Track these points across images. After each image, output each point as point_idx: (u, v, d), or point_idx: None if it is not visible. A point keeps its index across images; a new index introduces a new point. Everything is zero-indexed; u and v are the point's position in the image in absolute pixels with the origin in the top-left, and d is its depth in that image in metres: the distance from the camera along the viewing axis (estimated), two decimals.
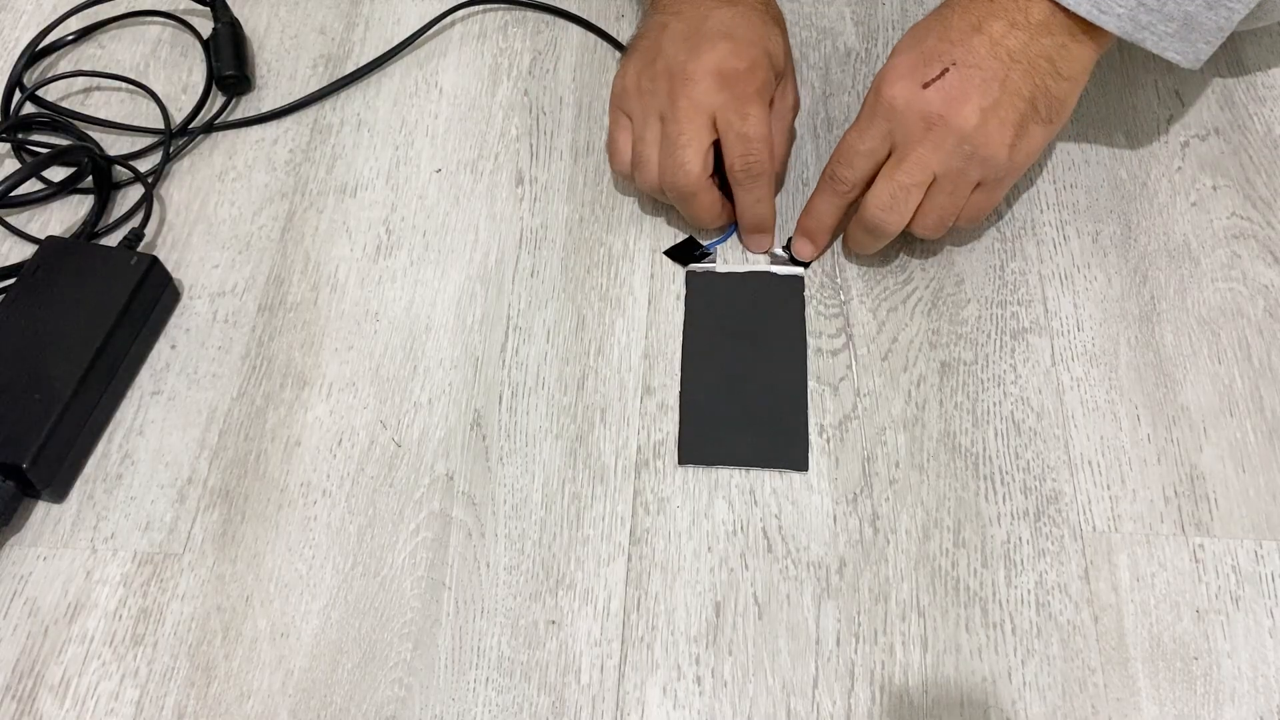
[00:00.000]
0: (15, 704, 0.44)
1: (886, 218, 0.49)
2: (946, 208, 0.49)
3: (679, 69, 0.50)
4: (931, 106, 0.47)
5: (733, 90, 0.50)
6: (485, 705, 0.43)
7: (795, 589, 0.45)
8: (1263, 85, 0.61)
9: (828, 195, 0.52)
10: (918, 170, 0.48)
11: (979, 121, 0.47)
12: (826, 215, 0.52)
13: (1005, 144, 0.47)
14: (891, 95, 0.48)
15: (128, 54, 0.64)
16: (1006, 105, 0.47)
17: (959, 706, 0.43)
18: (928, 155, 0.48)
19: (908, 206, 0.49)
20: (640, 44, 0.54)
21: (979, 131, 0.47)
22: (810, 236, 0.54)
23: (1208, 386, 0.50)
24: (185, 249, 0.56)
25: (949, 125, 0.47)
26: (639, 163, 0.52)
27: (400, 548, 0.47)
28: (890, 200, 0.49)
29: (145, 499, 0.48)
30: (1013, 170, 0.49)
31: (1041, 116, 0.48)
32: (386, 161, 0.59)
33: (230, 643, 0.45)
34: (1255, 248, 0.54)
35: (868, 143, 0.49)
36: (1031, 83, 0.47)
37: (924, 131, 0.47)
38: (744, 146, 0.50)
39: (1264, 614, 0.44)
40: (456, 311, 0.54)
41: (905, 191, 0.48)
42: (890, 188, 0.49)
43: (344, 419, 0.50)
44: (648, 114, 0.52)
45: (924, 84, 0.47)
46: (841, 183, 0.51)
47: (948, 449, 0.49)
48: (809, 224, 0.53)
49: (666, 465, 0.49)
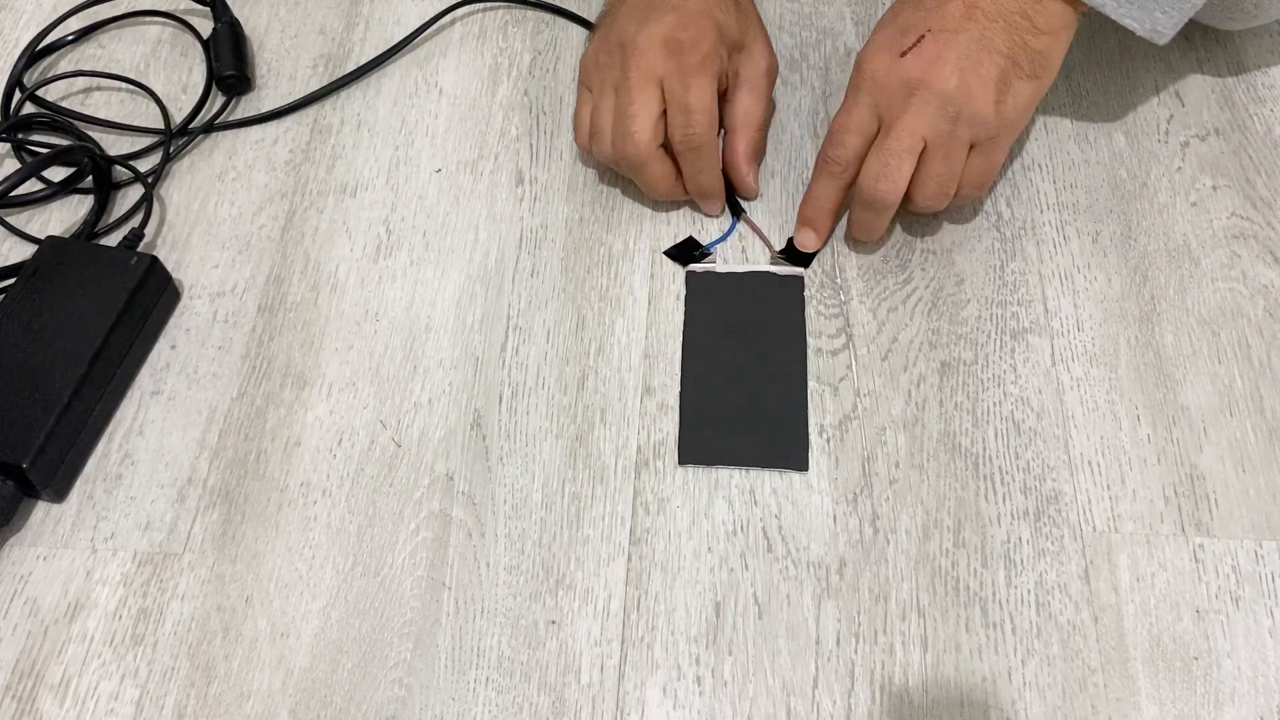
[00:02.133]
0: (15, 704, 0.44)
1: (880, 186, 0.50)
2: (944, 174, 0.49)
3: (629, 40, 0.52)
4: (910, 73, 0.48)
5: (678, 60, 0.51)
6: (485, 705, 0.43)
7: (795, 589, 0.45)
8: (1263, 85, 0.61)
9: (824, 179, 0.52)
10: (906, 136, 0.49)
11: (959, 81, 0.47)
12: (825, 199, 0.53)
13: (989, 100, 0.48)
14: (872, 68, 0.49)
15: (128, 54, 0.64)
16: (986, 63, 0.47)
17: (959, 706, 0.43)
18: (913, 121, 0.48)
19: (901, 174, 0.49)
20: (602, 21, 0.56)
21: (960, 91, 0.47)
22: (812, 225, 0.54)
23: (1208, 386, 0.50)
24: (185, 249, 0.56)
25: (930, 89, 0.48)
26: (595, 133, 0.53)
27: (400, 548, 0.47)
28: (881, 168, 0.49)
29: (145, 499, 0.48)
30: (1004, 128, 0.49)
31: (1025, 72, 0.48)
32: (386, 161, 0.59)
33: (230, 643, 0.45)
34: (1255, 248, 0.54)
35: (855, 119, 0.50)
36: (1009, 39, 0.48)
37: (906, 99, 0.48)
38: (684, 118, 0.51)
39: (1264, 614, 0.44)
40: (456, 311, 0.54)
41: (896, 158, 0.49)
42: (881, 156, 0.49)
43: (344, 419, 0.50)
44: (604, 86, 0.53)
45: (901, 53, 0.48)
46: (835, 163, 0.51)
47: (948, 449, 0.49)
48: (809, 212, 0.54)
49: (666, 465, 0.49)
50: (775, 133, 0.59)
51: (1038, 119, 0.59)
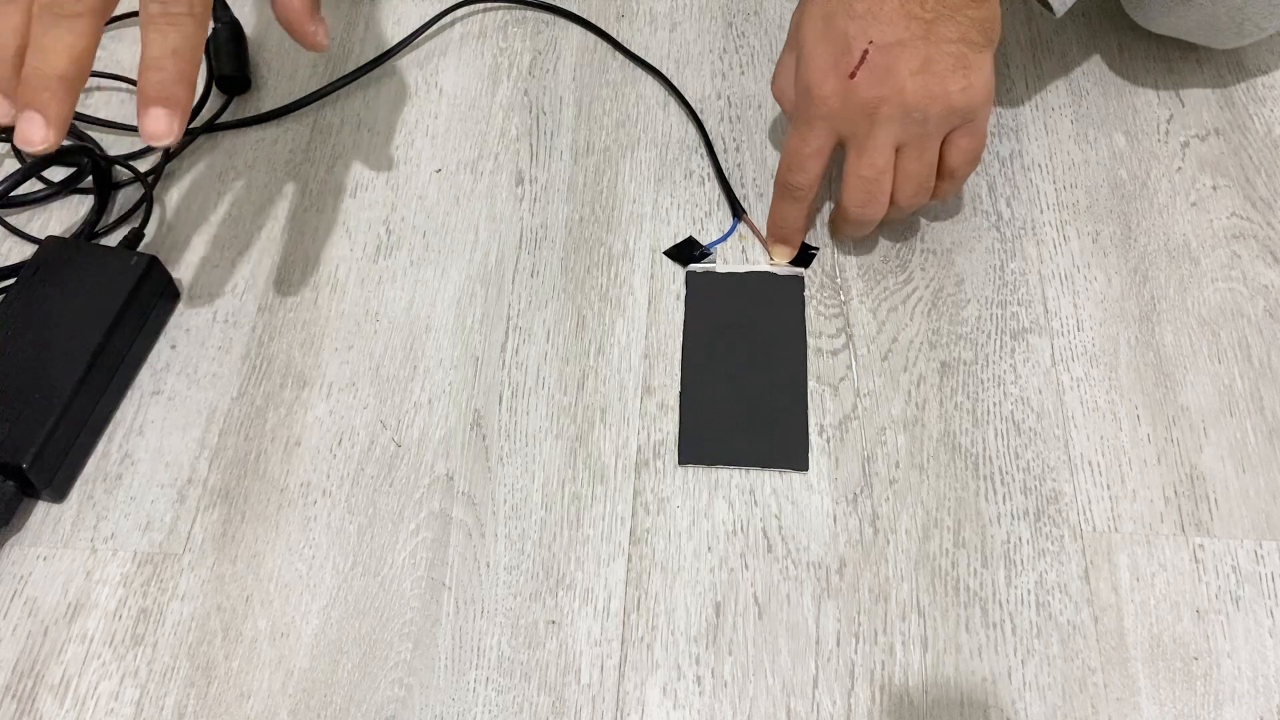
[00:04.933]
0: (15, 704, 0.44)
1: (866, 212, 0.50)
2: (920, 172, 0.49)
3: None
4: (867, 94, 0.46)
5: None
6: (485, 705, 0.43)
7: (795, 589, 0.45)
8: (1263, 85, 0.61)
9: (787, 203, 0.52)
10: (879, 156, 0.48)
11: (918, 87, 0.46)
12: (792, 220, 0.53)
13: (955, 91, 0.46)
14: (823, 95, 0.47)
15: (128, 54, 0.64)
16: (939, 58, 0.46)
17: (959, 706, 0.43)
18: (882, 138, 0.47)
19: (883, 191, 0.49)
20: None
21: (922, 97, 0.46)
22: (784, 242, 0.54)
23: (1208, 386, 0.50)
24: (185, 249, 0.56)
25: (891, 104, 0.46)
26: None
27: (400, 548, 0.47)
28: (865, 195, 0.49)
29: (145, 499, 0.48)
30: (976, 108, 0.48)
31: (979, 44, 0.46)
32: (386, 161, 0.59)
33: (230, 643, 0.45)
34: (1255, 248, 0.54)
35: (813, 144, 0.49)
36: (954, 24, 0.46)
37: (870, 118, 0.47)
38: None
39: (1264, 614, 0.44)
40: (456, 311, 0.53)
41: (876, 180, 0.48)
42: (860, 184, 0.49)
43: (344, 419, 0.50)
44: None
45: (850, 74, 0.46)
46: (798, 189, 0.51)
47: (948, 449, 0.49)
48: (778, 234, 0.54)
49: (666, 465, 0.49)
50: (775, 134, 0.59)
51: (1038, 119, 0.60)
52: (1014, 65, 0.62)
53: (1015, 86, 0.61)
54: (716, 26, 0.64)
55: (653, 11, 0.65)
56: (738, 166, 0.58)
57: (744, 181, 0.57)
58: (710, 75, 0.62)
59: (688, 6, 0.65)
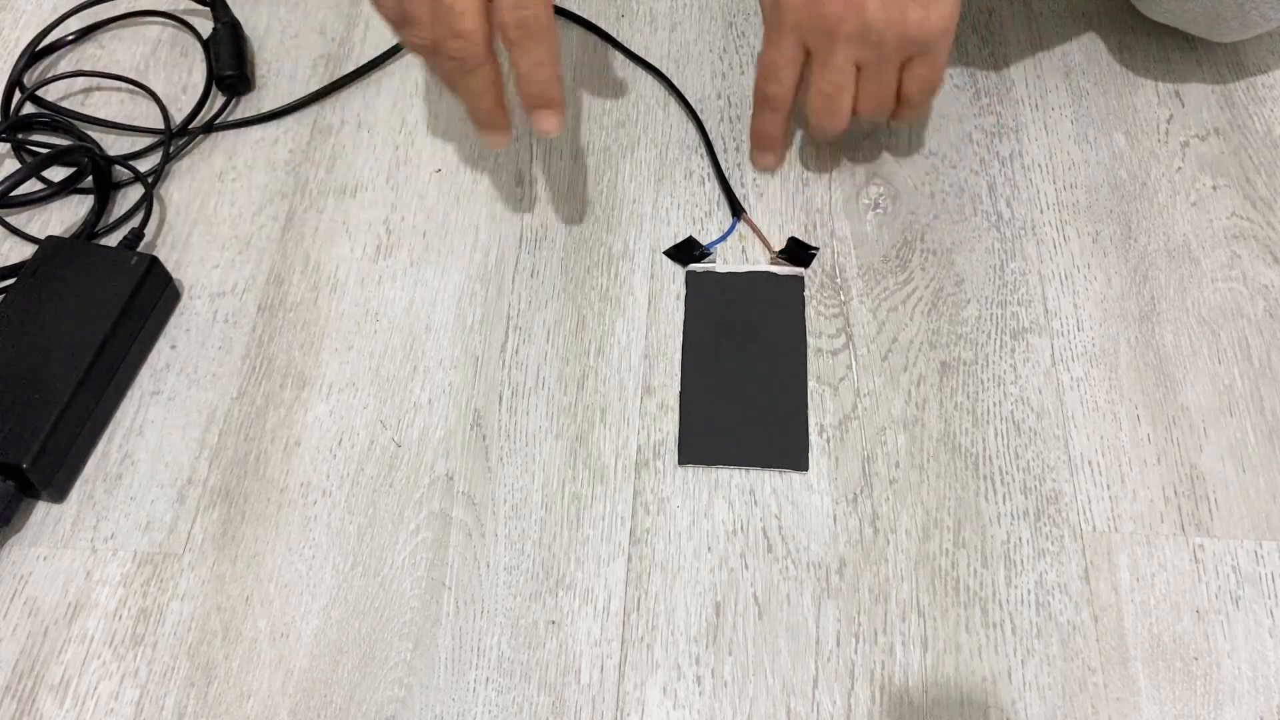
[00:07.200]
0: (15, 704, 0.44)
1: (826, 121, 0.52)
2: (879, 91, 0.51)
3: None
4: (829, 8, 0.49)
5: None
6: (485, 705, 0.43)
7: (795, 589, 0.45)
8: (1263, 85, 0.61)
9: (765, 113, 0.55)
10: (839, 73, 0.50)
11: (876, 10, 0.48)
12: (772, 129, 0.55)
13: (913, 20, 0.48)
14: (792, 7, 0.50)
15: (128, 54, 0.64)
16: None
17: (959, 706, 0.43)
18: (842, 56, 0.50)
19: (844, 105, 0.51)
20: None
21: (883, 19, 0.48)
22: (768, 149, 0.57)
23: (1208, 386, 0.50)
24: (185, 249, 0.56)
25: (850, 23, 0.48)
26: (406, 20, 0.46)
27: (400, 548, 0.47)
28: (826, 104, 0.51)
29: (145, 499, 0.48)
30: (936, 37, 0.49)
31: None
32: (386, 161, 0.59)
33: (230, 643, 0.45)
34: (1255, 248, 0.54)
35: (785, 54, 0.51)
36: None
37: (830, 37, 0.49)
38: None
39: (1264, 614, 0.44)
40: (456, 311, 0.54)
41: (836, 91, 0.51)
42: (821, 98, 0.51)
43: (344, 419, 0.50)
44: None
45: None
46: (774, 98, 0.54)
47: (948, 449, 0.49)
48: (760, 142, 0.57)
49: (666, 465, 0.49)
50: None
51: (1038, 119, 0.59)
52: (1014, 65, 0.62)
53: (1015, 86, 0.61)
54: (716, 26, 0.64)
55: (653, 11, 0.65)
56: (738, 166, 0.58)
57: (744, 181, 0.58)
58: (710, 75, 0.62)
59: (688, 6, 0.65)
